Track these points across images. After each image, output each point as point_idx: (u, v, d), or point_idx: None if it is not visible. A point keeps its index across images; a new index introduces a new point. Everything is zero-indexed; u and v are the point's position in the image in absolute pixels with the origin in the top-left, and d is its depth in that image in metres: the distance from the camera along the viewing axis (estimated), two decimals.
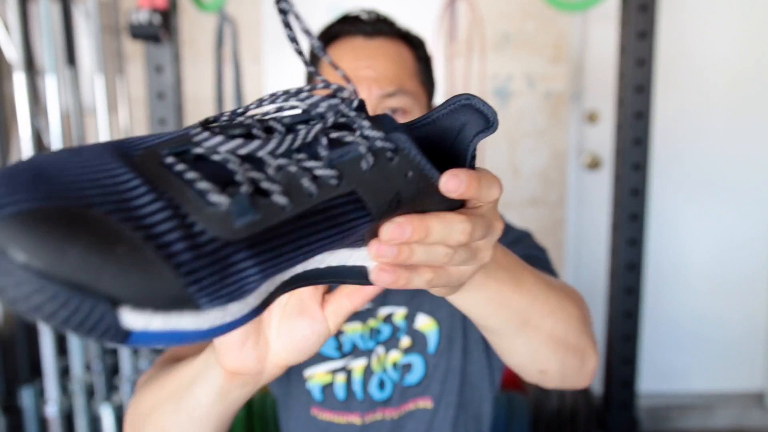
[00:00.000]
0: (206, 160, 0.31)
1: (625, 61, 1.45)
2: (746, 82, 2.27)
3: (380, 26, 0.85)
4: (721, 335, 2.39)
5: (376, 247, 0.37)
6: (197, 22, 2.13)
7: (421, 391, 0.84)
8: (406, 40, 0.87)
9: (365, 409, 0.85)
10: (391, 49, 0.85)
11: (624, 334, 1.52)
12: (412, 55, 0.87)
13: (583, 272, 2.37)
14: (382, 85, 0.81)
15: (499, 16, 2.17)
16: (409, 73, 0.85)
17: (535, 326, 0.53)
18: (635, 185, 1.48)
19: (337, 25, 0.87)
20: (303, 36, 0.39)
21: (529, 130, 2.23)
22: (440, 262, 0.39)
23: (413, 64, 0.87)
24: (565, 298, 0.56)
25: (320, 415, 0.86)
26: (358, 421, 0.85)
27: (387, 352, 0.86)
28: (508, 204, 2.28)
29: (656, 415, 2.36)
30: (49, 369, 1.52)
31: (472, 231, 0.38)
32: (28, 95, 1.45)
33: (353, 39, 0.85)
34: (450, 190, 0.37)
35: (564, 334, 0.55)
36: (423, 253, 0.38)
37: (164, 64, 1.38)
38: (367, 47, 0.84)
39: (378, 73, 0.82)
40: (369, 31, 0.85)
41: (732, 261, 2.35)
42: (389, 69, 0.83)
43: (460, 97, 0.41)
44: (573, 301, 0.59)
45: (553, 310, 0.54)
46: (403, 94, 0.83)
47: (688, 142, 2.29)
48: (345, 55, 0.84)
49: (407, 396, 0.85)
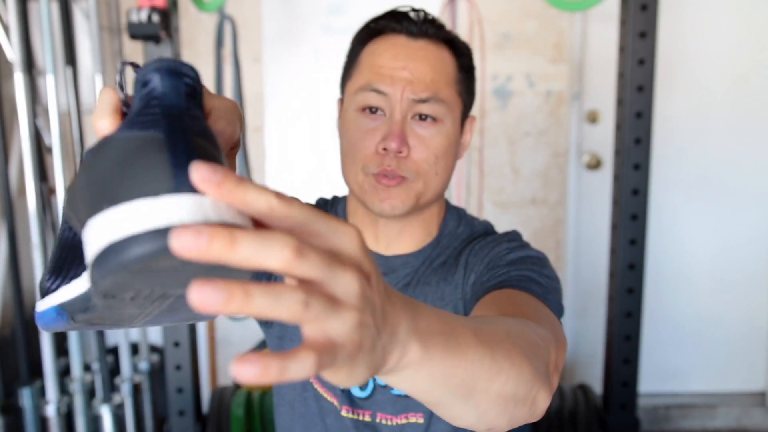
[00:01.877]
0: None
1: (625, 61, 1.44)
2: (746, 82, 2.27)
3: (426, 28, 0.82)
4: (721, 335, 2.39)
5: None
6: (197, 22, 2.13)
7: (412, 405, 0.83)
8: (450, 45, 0.84)
9: (343, 400, 0.85)
10: (433, 53, 0.82)
11: (624, 334, 1.52)
12: (454, 63, 0.84)
13: (583, 272, 2.37)
14: (416, 90, 0.80)
15: (499, 16, 2.17)
16: (447, 80, 0.82)
17: (482, 391, 0.47)
18: (635, 185, 1.47)
19: (383, 19, 0.84)
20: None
21: (529, 130, 2.23)
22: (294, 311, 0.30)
23: (454, 71, 0.84)
24: (513, 349, 0.50)
25: (315, 384, 0.88)
26: (337, 406, 0.86)
27: None
28: (508, 204, 2.28)
29: (657, 415, 2.36)
30: (48, 369, 1.51)
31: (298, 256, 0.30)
32: (28, 95, 1.45)
33: (396, 37, 0.82)
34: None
35: (514, 390, 0.49)
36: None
37: None
38: (408, 47, 0.81)
39: (414, 76, 0.80)
40: (414, 31, 0.82)
41: (733, 260, 2.35)
42: (427, 74, 0.80)
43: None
44: (528, 343, 0.54)
45: (501, 368, 0.47)
46: (437, 102, 0.80)
47: (688, 142, 2.29)
48: (385, 53, 0.82)
49: (399, 408, 0.84)
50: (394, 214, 0.82)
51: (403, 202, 0.81)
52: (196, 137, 0.35)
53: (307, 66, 2.18)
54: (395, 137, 0.79)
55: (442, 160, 0.82)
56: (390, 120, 0.80)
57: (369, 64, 0.83)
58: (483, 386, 0.47)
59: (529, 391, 0.51)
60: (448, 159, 0.84)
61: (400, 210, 0.81)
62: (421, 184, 0.81)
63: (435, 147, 0.81)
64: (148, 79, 0.36)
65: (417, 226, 0.87)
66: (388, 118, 0.81)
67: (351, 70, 0.86)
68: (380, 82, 0.80)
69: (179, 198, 0.32)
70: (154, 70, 0.36)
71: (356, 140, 0.82)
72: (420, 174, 0.81)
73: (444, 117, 0.81)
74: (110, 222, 0.32)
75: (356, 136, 0.82)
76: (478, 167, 2.12)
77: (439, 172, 0.83)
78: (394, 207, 0.81)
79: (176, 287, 0.36)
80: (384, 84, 0.80)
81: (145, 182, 0.32)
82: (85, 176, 0.36)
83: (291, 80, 2.19)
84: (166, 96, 0.36)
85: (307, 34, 2.17)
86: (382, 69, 0.81)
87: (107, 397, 1.64)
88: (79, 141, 1.64)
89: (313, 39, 2.17)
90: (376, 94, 0.81)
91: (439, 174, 0.83)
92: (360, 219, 0.88)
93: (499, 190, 2.27)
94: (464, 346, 0.44)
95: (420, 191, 0.82)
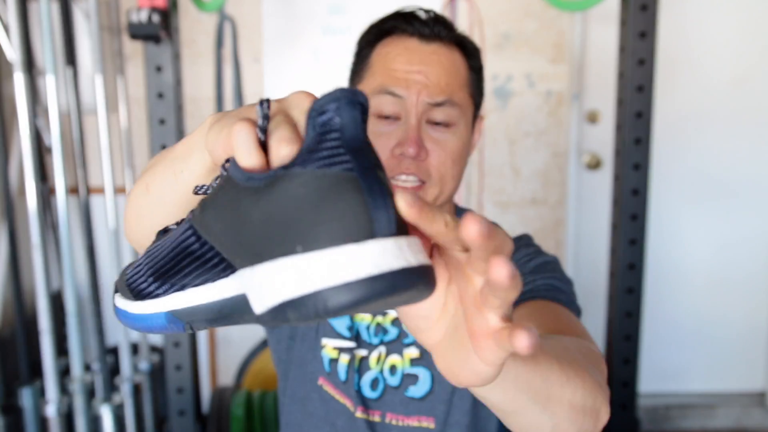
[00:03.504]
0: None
1: (625, 61, 1.44)
2: (746, 81, 2.27)
3: (438, 29, 0.81)
4: (721, 335, 2.39)
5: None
6: (197, 22, 2.13)
7: (424, 409, 0.83)
8: (461, 46, 0.84)
9: (356, 401, 0.85)
10: (446, 56, 0.81)
11: (624, 334, 1.52)
12: (465, 64, 0.84)
13: (583, 272, 2.37)
14: (431, 94, 0.79)
15: (499, 16, 2.17)
16: (460, 83, 0.82)
17: (557, 399, 0.48)
18: (635, 185, 1.48)
19: (392, 20, 0.83)
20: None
21: (529, 130, 2.23)
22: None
23: (465, 73, 0.83)
24: (575, 361, 0.52)
25: (325, 386, 0.87)
26: (351, 408, 0.86)
27: (388, 354, 0.85)
28: (508, 204, 2.28)
29: (657, 415, 2.36)
30: (49, 369, 1.51)
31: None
32: (28, 95, 1.45)
33: (408, 39, 0.82)
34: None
35: (582, 400, 0.50)
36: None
37: (164, 64, 1.38)
38: (421, 51, 0.81)
39: (429, 80, 0.79)
40: (426, 33, 0.81)
41: (732, 260, 2.35)
42: (441, 77, 0.80)
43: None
44: (585, 358, 0.55)
45: (569, 377, 0.49)
46: (452, 106, 0.80)
47: (688, 142, 2.29)
48: (398, 57, 0.81)
49: (411, 410, 0.84)
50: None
51: None
52: (381, 172, 0.34)
53: (307, 66, 2.18)
54: (412, 142, 0.78)
55: (458, 164, 0.82)
56: (405, 124, 0.79)
57: (382, 66, 0.82)
58: (557, 394, 0.47)
59: (594, 402, 0.52)
60: (462, 162, 0.83)
61: None
62: (437, 188, 0.81)
63: (451, 150, 0.81)
64: (325, 110, 0.35)
65: None
66: (403, 122, 0.80)
67: (362, 72, 0.85)
68: (396, 85, 0.79)
69: (383, 243, 0.32)
70: (333, 100, 0.35)
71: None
72: (437, 178, 0.80)
73: (458, 120, 0.81)
74: (314, 265, 0.31)
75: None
76: (478, 167, 2.12)
77: (455, 175, 0.82)
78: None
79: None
80: (399, 87, 0.79)
81: (344, 226, 0.32)
82: (260, 209, 0.34)
83: (291, 80, 2.19)
84: (347, 128, 0.34)
85: (307, 34, 2.17)
86: (396, 72, 0.80)
87: (107, 397, 1.64)
88: (79, 141, 1.64)
89: (313, 39, 2.17)
90: (391, 97, 0.79)
91: (455, 177, 0.82)
92: None
93: (499, 190, 2.27)
94: (536, 353, 0.45)
95: (436, 195, 0.81)
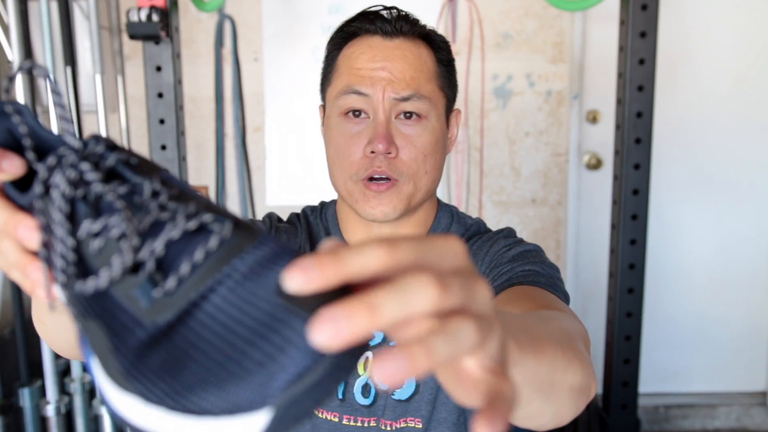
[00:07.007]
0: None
1: (625, 61, 1.44)
2: (746, 81, 2.26)
3: (401, 25, 0.81)
4: (722, 335, 2.39)
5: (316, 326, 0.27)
6: (197, 22, 2.13)
7: (411, 410, 0.83)
8: (427, 40, 0.84)
9: (345, 409, 0.84)
10: (410, 50, 0.81)
11: (625, 334, 1.52)
12: (432, 58, 0.83)
13: (583, 272, 2.37)
14: (396, 89, 0.79)
15: (499, 16, 2.17)
16: (427, 76, 0.82)
17: (559, 386, 0.47)
18: (635, 185, 1.48)
19: (356, 21, 0.83)
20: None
21: (529, 129, 2.23)
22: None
23: (433, 66, 0.83)
24: (572, 341, 0.51)
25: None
26: (337, 420, 0.85)
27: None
28: (508, 204, 2.27)
29: (657, 415, 2.36)
30: (48, 369, 1.51)
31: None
32: (28, 95, 1.45)
33: (371, 38, 0.82)
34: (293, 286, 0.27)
35: (581, 381, 0.49)
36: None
37: (164, 64, 1.38)
38: (384, 47, 0.81)
39: (393, 75, 0.79)
40: (388, 30, 0.81)
41: (733, 260, 2.35)
42: (406, 71, 0.80)
43: None
44: (580, 338, 0.54)
45: (571, 361, 0.48)
46: (419, 99, 0.80)
47: (688, 142, 2.29)
48: (362, 55, 0.81)
49: (398, 412, 0.83)
50: (387, 221, 0.81)
51: (395, 208, 0.80)
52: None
53: (307, 66, 2.18)
54: (382, 138, 0.78)
55: (430, 158, 0.82)
56: (374, 122, 0.79)
57: (347, 67, 0.82)
58: (560, 381, 0.46)
59: (589, 381, 0.51)
60: (436, 156, 0.83)
61: (393, 215, 0.81)
62: (411, 185, 0.81)
63: (422, 145, 0.80)
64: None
65: (410, 226, 0.87)
66: (372, 120, 0.80)
67: (330, 76, 0.85)
68: (360, 84, 0.79)
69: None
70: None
71: (342, 146, 0.81)
72: (410, 175, 0.80)
73: (428, 113, 0.81)
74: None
75: (342, 141, 0.81)
76: (478, 167, 2.12)
77: (429, 170, 0.82)
78: (386, 214, 0.80)
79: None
80: (364, 85, 0.79)
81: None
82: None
83: (291, 80, 2.19)
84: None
85: (306, 34, 2.17)
86: (360, 71, 0.80)
87: None
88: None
89: (313, 39, 2.17)
90: (357, 96, 0.80)
91: (429, 172, 0.82)
92: (352, 222, 0.88)
93: (499, 190, 2.27)
94: (540, 340, 0.43)
95: (411, 192, 0.81)
